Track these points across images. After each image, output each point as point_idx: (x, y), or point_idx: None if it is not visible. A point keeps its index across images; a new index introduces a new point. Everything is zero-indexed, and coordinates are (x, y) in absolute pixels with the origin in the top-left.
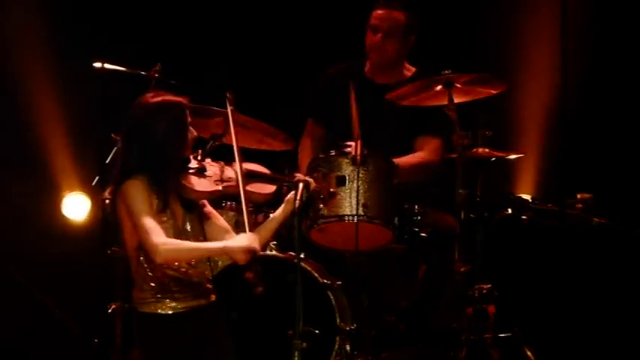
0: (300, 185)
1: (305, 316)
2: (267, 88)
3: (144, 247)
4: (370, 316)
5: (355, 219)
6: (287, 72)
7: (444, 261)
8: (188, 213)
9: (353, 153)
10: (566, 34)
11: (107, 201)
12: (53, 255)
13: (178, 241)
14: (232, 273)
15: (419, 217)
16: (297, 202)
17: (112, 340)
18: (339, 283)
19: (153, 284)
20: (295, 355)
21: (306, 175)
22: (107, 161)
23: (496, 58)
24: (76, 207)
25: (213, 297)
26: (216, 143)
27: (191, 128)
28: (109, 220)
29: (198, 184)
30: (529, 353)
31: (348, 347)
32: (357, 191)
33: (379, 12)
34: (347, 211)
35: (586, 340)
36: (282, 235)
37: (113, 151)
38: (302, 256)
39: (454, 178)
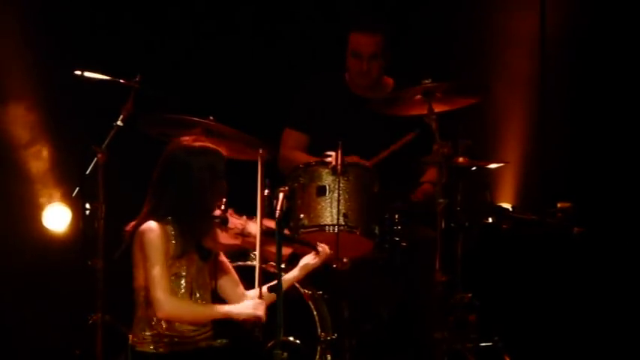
0: (281, 195)
1: (286, 326)
2: (247, 97)
3: (149, 298)
4: (351, 326)
5: (336, 229)
6: (267, 82)
7: (424, 270)
8: (203, 261)
9: (333, 163)
10: (546, 44)
11: (87, 212)
12: (33, 266)
13: (183, 301)
14: None
15: (399, 227)
16: (278, 212)
17: (92, 352)
18: (320, 292)
19: (153, 329)
20: None
21: (287, 184)
22: (87, 172)
23: (475, 68)
24: (57, 218)
25: (215, 341)
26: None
27: (225, 180)
28: (89, 232)
29: (220, 235)
30: None
31: (329, 357)
32: (338, 201)
33: (359, 37)
34: (328, 221)
35: (566, 348)
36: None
37: (93, 162)
38: (283, 266)
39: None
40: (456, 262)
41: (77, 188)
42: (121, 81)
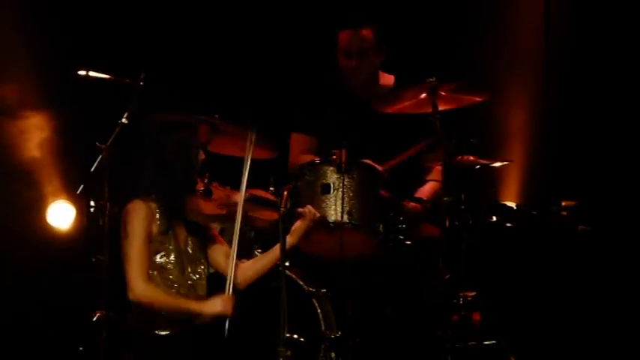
0: (285, 193)
1: (290, 323)
2: (252, 95)
3: (126, 280)
4: (355, 324)
5: (340, 226)
6: (271, 79)
7: (428, 269)
8: (191, 235)
9: (338, 160)
10: (550, 43)
11: (92, 209)
12: (38, 263)
13: (155, 290)
14: (218, 280)
15: (404, 226)
16: (282, 209)
17: (96, 349)
18: (324, 290)
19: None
20: None
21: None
22: (92, 170)
23: (480, 67)
24: (61, 215)
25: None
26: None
27: (200, 150)
28: (93, 229)
29: (204, 206)
30: None
31: (332, 355)
32: (342, 199)
33: (347, 34)
34: (332, 219)
35: (570, 347)
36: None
37: (98, 160)
38: (287, 263)
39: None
40: (460, 260)
41: (82, 185)
42: (126, 80)
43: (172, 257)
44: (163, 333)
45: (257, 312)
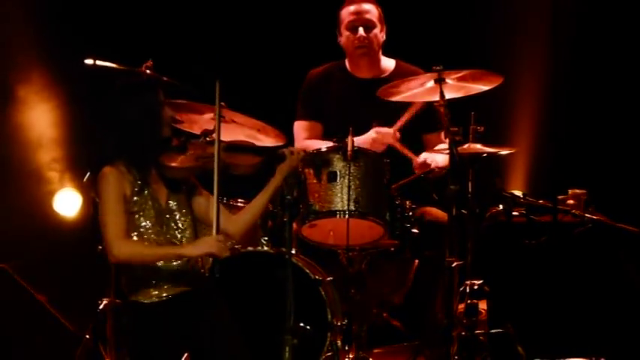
0: (292, 180)
1: (296, 311)
2: (257, 83)
3: (104, 243)
4: (361, 312)
5: (346, 215)
6: (277, 67)
7: (435, 257)
8: (173, 192)
9: (345, 147)
10: (558, 30)
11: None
12: (44, 251)
13: (134, 244)
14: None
15: (410, 213)
16: (288, 197)
17: (103, 336)
18: (331, 278)
19: (130, 274)
20: (286, 350)
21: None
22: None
23: (487, 54)
24: (67, 203)
25: (202, 283)
26: (208, 139)
27: (166, 107)
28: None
29: (179, 161)
30: (520, 349)
31: (339, 343)
32: (349, 187)
33: (352, 9)
34: (338, 207)
35: (577, 335)
36: (274, 230)
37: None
38: (293, 251)
39: (446, 174)
40: (466, 248)
41: (88, 173)
42: (134, 69)
43: (152, 216)
44: (148, 301)
45: (263, 300)
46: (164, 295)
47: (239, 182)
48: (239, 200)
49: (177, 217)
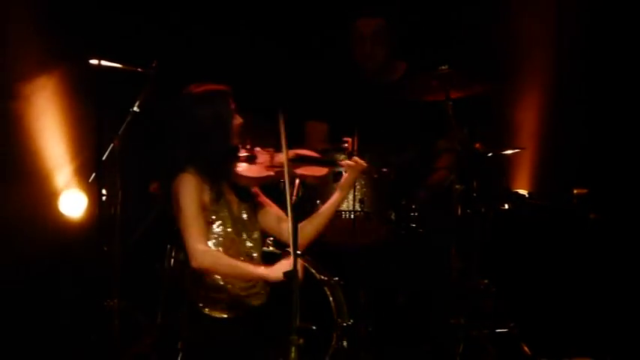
0: (297, 181)
1: (302, 312)
2: (267, 84)
3: (186, 250)
4: (367, 312)
5: (352, 215)
6: (287, 67)
7: (441, 257)
8: (242, 202)
9: (349, 149)
10: (562, 29)
11: (104, 198)
12: (50, 252)
13: (217, 254)
14: None
15: (416, 213)
16: (294, 197)
17: (109, 337)
18: (336, 279)
19: (203, 285)
20: (292, 350)
21: None
22: (104, 158)
23: (492, 54)
24: (73, 204)
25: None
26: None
27: (236, 115)
28: (105, 218)
29: (250, 171)
30: (526, 349)
31: (345, 343)
32: (354, 187)
33: (361, 23)
34: (344, 207)
35: (582, 334)
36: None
37: (110, 148)
38: (299, 252)
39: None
40: (472, 248)
41: (93, 174)
42: (138, 69)
43: (229, 225)
44: (219, 315)
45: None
46: (234, 313)
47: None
48: None
49: (249, 226)
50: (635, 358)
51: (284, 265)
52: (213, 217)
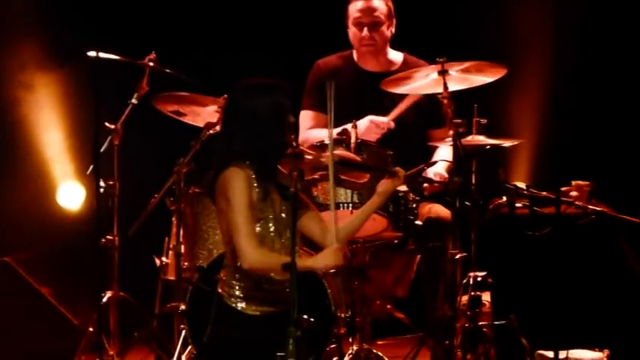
0: (294, 174)
1: (300, 304)
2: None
3: (234, 247)
4: (365, 304)
5: (350, 207)
6: (283, 56)
7: (439, 249)
8: (285, 200)
9: (347, 140)
10: (560, 22)
11: (102, 190)
12: (48, 244)
13: (267, 253)
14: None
15: (414, 205)
16: (292, 189)
17: (106, 329)
18: (334, 270)
19: (239, 282)
20: (290, 342)
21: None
22: (102, 150)
23: (491, 45)
24: (71, 196)
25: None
26: (211, 132)
27: (290, 112)
28: (103, 210)
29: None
30: (524, 341)
31: (343, 335)
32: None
33: (359, 6)
34: (342, 199)
35: (581, 327)
36: None
37: (108, 140)
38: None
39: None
40: (470, 240)
41: (92, 166)
42: (136, 61)
43: (271, 225)
44: (253, 313)
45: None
46: (265, 310)
47: None
48: None
49: (289, 227)
50: (633, 349)
51: (327, 254)
52: (259, 215)
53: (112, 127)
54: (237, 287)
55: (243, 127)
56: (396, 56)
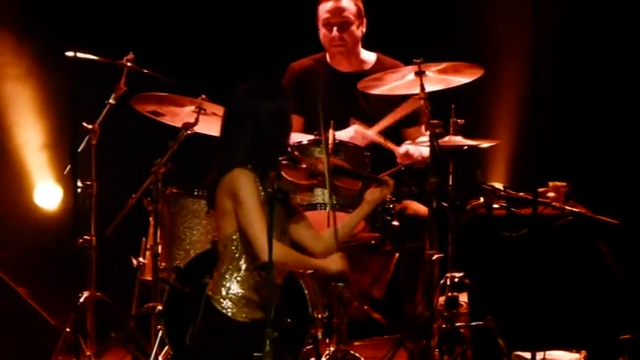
0: (271, 175)
1: (277, 304)
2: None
3: (253, 245)
4: (342, 305)
5: (327, 208)
6: (258, 59)
7: (416, 250)
8: (280, 204)
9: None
10: (539, 21)
11: (79, 190)
12: (25, 243)
13: (285, 248)
14: (205, 261)
15: (391, 206)
16: (268, 190)
17: (83, 329)
18: (311, 271)
19: (240, 286)
20: (267, 343)
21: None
22: (79, 150)
23: (468, 46)
24: (48, 196)
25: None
26: (188, 132)
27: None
28: (80, 210)
29: (291, 175)
30: (501, 342)
31: (320, 336)
32: (329, 180)
33: (327, 6)
34: (319, 200)
35: (558, 328)
36: None
37: (85, 140)
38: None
39: (427, 166)
40: (447, 241)
41: (69, 166)
42: (115, 61)
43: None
44: (242, 320)
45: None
46: (254, 317)
47: None
48: None
49: (283, 231)
50: (609, 350)
51: (336, 259)
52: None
53: (90, 127)
54: (232, 292)
55: (247, 131)
56: (368, 56)
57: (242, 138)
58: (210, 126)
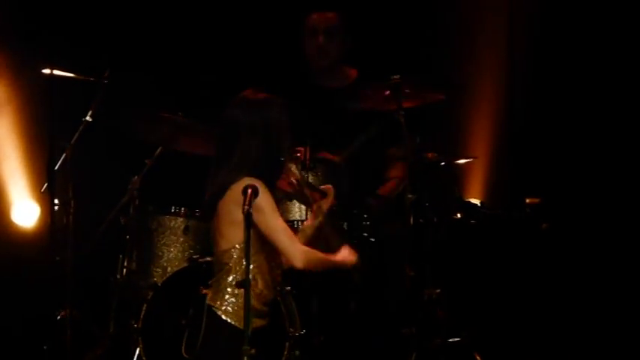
0: (249, 191)
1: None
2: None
3: (282, 251)
4: (319, 322)
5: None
6: (239, 74)
7: (393, 266)
8: None
9: (302, 158)
10: (514, 40)
11: (56, 207)
12: (2, 261)
13: (312, 251)
14: (183, 278)
15: (368, 223)
16: (246, 207)
17: (61, 347)
18: (289, 288)
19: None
20: None
21: None
22: (56, 168)
23: (445, 64)
24: (25, 214)
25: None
26: (164, 150)
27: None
28: (57, 227)
29: (280, 183)
30: (478, 358)
31: (297, 353)
32: (306, 196)
33: (314, 16)
34: (296, 217)
35: (534, 343)
36: None
37: (62, 158)
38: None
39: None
40: (424, 257)
41: (46, 184)
42: (90, 78)
43: None
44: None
45: None
46: (256, 325)
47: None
48: None
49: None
50: None
51: (347, 252)
52: None
53: (67, 144)
54: (238, 301)
55: (257, 141)
56: (350, 73)
57: (252, 148)
58: (188, 143)
